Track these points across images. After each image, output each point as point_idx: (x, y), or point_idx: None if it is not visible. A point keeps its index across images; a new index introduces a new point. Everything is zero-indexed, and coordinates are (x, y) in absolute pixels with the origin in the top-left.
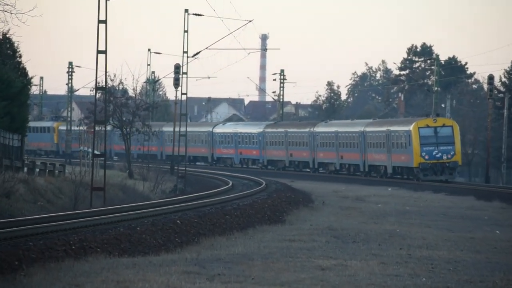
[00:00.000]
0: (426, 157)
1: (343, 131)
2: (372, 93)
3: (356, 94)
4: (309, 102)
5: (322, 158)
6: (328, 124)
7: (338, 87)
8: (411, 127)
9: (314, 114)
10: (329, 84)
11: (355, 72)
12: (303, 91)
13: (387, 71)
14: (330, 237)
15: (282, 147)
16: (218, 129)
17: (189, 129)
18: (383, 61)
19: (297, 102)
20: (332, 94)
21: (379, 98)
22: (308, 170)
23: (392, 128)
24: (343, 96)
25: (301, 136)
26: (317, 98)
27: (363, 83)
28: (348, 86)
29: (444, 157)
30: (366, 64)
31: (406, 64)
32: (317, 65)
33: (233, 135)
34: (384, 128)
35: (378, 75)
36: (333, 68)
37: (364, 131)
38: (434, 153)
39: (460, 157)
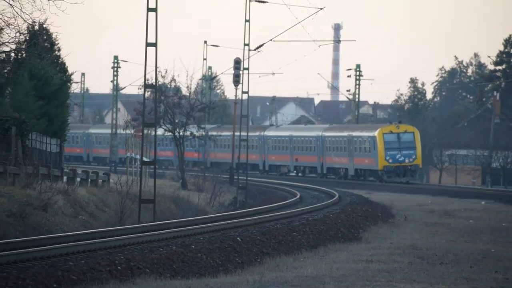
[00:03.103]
0: (390, 160)
1: (299, 135)
2: (463, 92)
3: (443, 93)
4: (389, 102)
5: (274, 160)
6: (279, 129)
7: (423, 84)
8: (376, 133)
9: (395, 115)
10: (412, 81)
11: (443, 67)
12: (382, 90)
13: (480, 66)
14: (414, 257)
15: (229, 149)
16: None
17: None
18: (476, 55)
19: (375, 102)
20: (415, 93)
21: (471, 97)
22: (257, 172)
23: (355, 134)
24: (429, 95)
25: (251, 140)
26: (398, 97)
27: (452, 80)
28: (435, 84)
29: (406, 160)
30: (456, 58)
31: (503, 58)
32: (398, 60)
33: (172, 138)
34: (345, 133)
35: (469, 70)
36: (417, 63)
37: (322, 135)
38: (397, 157)
39: (421, 161)
